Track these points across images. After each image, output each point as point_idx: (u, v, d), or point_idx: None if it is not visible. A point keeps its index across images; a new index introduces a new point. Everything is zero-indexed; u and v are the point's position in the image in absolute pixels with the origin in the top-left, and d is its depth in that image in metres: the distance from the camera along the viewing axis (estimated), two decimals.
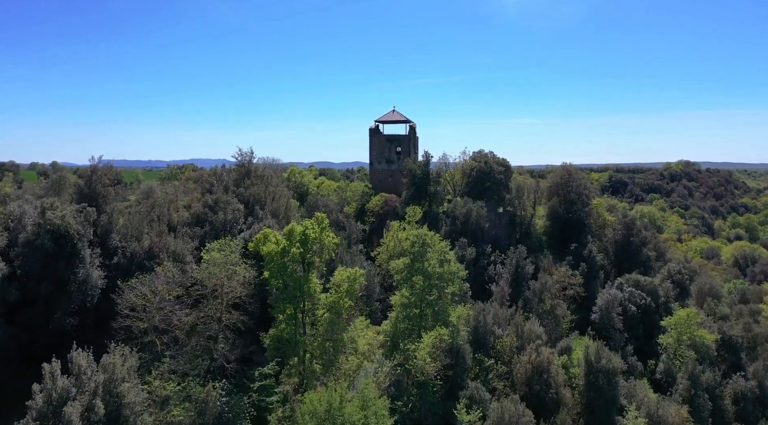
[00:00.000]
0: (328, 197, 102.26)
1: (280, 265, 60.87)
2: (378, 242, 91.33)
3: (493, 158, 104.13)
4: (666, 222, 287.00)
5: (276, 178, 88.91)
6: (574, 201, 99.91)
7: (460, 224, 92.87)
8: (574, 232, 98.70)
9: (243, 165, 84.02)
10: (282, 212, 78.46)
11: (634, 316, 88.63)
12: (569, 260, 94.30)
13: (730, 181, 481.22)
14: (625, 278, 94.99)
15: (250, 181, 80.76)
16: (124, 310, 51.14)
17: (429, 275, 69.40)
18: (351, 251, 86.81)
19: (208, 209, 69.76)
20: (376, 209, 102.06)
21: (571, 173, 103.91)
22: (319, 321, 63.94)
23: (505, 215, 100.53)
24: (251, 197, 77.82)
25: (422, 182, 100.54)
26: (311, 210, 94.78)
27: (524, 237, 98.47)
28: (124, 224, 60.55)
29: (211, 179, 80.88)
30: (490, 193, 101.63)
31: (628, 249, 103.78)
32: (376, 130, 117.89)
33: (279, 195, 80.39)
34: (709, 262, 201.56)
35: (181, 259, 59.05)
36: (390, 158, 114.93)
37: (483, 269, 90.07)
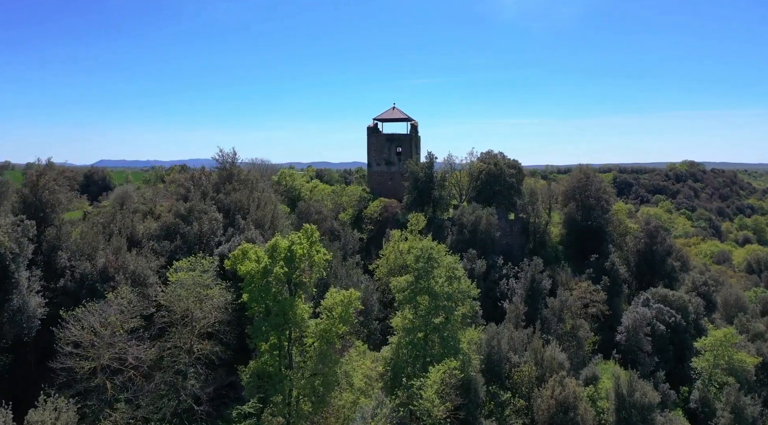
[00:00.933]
0: (322, 202, 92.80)
1: (261, 287, 51.49)
2: (377, 254, 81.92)
3: (503, 159, 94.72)
4: (673, 224, 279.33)
5: (263, 182, 79.44)
6: (592, 207, 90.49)
7: (468, 233, 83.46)
8: (594, 241, 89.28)
9: (224, 168, 74.50)
10: (268, 221, 69.04)
11: (663, 336, 79.32)
12: (589, 272, 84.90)
13: (735, 181, 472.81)
14: (651, 293, 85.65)
15: (231, 186, 71.33)
16: (65, 348, 41.71)
17: (436, 295, 60.06)
18: (347, 264, 77.42)
19: (180, 219, 60.25)
20: (374, 216, 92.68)
21: (589, 175, 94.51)
22: (308, 351, 54.61)
23: (517, 223, 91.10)
24: (232, 204, 68.38)
25: (425, 186, 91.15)
26: (303, 218, 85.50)
27: (538, 247, 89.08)
28: (75, 239, 50.95)
29: (188, 183, 71.30)
30: (500, 198, 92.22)
31: (651, 259, 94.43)
32: (375, 129, 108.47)
33: (265, 202, 70.94)
34: (721, 266, 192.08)
35: (143, 281, 49.56)
36: (390, 160, 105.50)
37: (494, 284, 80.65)
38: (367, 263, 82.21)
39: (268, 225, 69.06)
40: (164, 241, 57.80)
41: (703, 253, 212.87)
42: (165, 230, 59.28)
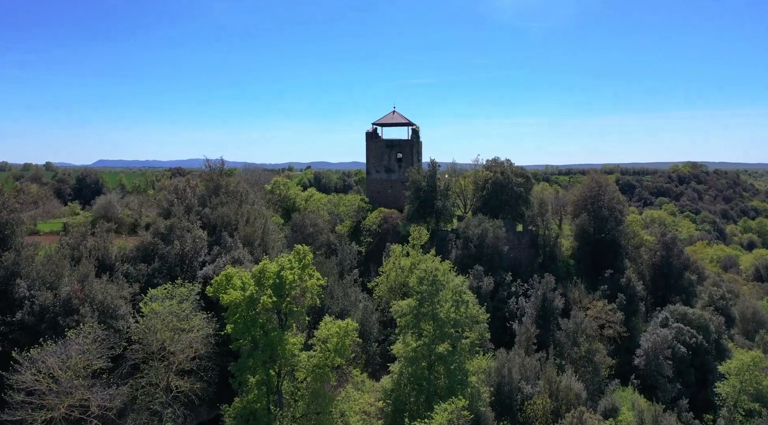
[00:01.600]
0: (318, 212, 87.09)
1: (246, 319, 45.88)
2: (376, 270, 76.28)
3: (510, 167, 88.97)
4: (678, 228, 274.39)
5: (253, 193, 73.77)
6: (605, 218, 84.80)
7: (474, 248, 77.80)
8: (608, 255, 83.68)
9: (212, 179, 68.81)
10: (258, 237, 63.41)
11: (684, 359, 73.82)
12: (603, 290, 79.26)
13: (738, 183, 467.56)
14: (669, 311, 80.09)
15: (219, 199, 65.61)
16: (15, 396, 36.06)
17: (441, 322, 54.47)
18: (344, 282, 71.74)
19: (159, 238, 54.56)
20: (373, 228, 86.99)
21: (601, 184, 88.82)
22: (300, 388, 49.04)
23: (525, 235, 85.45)
24: (219, 219, 62.68)
25: (428, 196, 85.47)
26: (297, 230, 79.87)
27: (549, 261, 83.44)
28: (37, 265, 45.21)
29: (171, 196, 65.60)
30: (507, 208, 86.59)
31: (668, 273, 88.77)
32: (374, 134, 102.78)
33: (255, 216, 65.28)
34: (730, 273, 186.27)
35: (112, 313, 43.88)
36: (390, 167, 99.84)
37: (502, 303, 75.04)
38: (366, 280, 76.52)
39: (258, 242, 63.45)
40: (141, 264, 52.06)
41: (710, 257, 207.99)
42: (142, 250, 53.57)
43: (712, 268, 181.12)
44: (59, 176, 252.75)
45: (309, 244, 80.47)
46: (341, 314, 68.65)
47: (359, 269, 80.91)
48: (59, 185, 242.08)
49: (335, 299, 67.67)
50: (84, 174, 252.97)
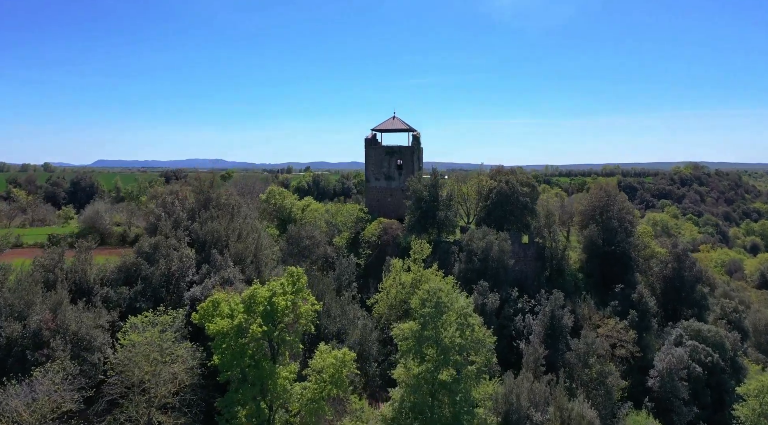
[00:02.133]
0: (315, 223, 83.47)
1: (235, 349, 42.19)
2: (375, 286, 72.58)
3: (515, 176, 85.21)
4: (680, 231, 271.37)
5: (246, 205, 69.97)
6: (615, 230, 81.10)
7: (478, 262, 74.09)
8: (618, 268, 79.97)
9: (201, 191, 65.05)
10: (250, 253, 59.63)
11: (700, 379, 70.18)
12: (614, 306, 75.58)
13: (740, 184, 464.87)
14: (683, 327, 76.49)
15: (209, 213, 61.86)
16: None
17: (446, 348, 50.77)
18: (341, 299, 68.05)
19: (143, 258, 50.83)
20: (372, 239, 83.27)
21: (610, 193, 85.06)
22: (293, 422, 45.41)
23: (531, 247, 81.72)
24: (209, 235, 58.95)
25: (430, 207, 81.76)
26: (293, 243, 76.19)
27: (556, 275, 79.76)
28: (5, 291, 41.44)
29: (158, 210, 61.84)
30: (512, 219, 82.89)
31: (680, 287, 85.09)
32: (374, 140, 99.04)
33: (247, 231, 61.53)
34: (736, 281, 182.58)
35: (87, 344, 40.15)
36: (390, 174, 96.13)
37: (508, 321, 71.37)
38: (365, 297, 72.81)
39: (250, 259, 59.68)
40: (122, 287, 48.32)
41: (714, 262, 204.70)
42: (124, 272, 49.83)
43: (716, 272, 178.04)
44: (53, 180, 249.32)
45: (305, 257, 77.03)
46: (339, 334, 65.05)
47: (358, 283, 77.32)
48: (53, 189, 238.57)
49: (332, 318, 64.01)
50: (78, 177, 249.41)
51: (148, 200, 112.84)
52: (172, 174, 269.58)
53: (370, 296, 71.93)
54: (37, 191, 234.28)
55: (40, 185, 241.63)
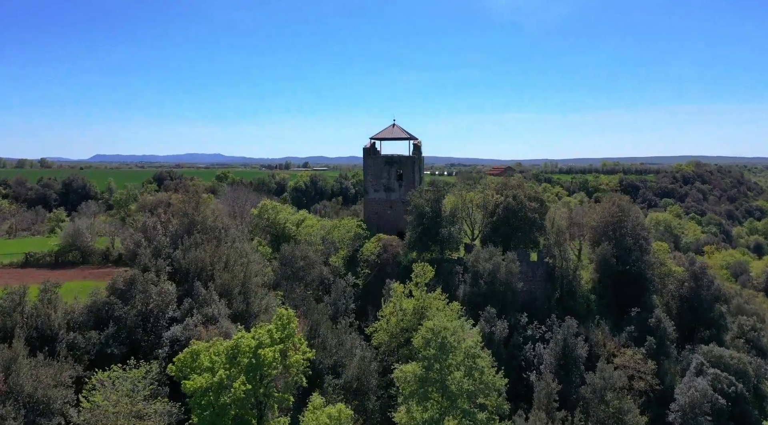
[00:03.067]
0: (311, 239, 78.45)
1: (215, 410, 37.21)
2: (374, 312, 67.55)
3: (522, 190, 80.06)
4: (684, 230, 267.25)
5: (235, 227, 64.82)
6: (629, 248, 76.17)
7: (485, 285, 69.14)
8: (633, 290, 75.04)
9: (186, 213, 59.91)
10: (238, 284, 54.60)
11: (723, 411, 65.32)
12: (630, 331, 70.74)
13: (743, 182, 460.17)
14: (703, 354, 71.62)
15: (193, 238, 56.74)
16: None
17: (452, 395, 45.94)
18: (338, 327, 63.14)
19: (117, 296, 45.77)
20: (371, 258, 78.21)
21: (624, 208, 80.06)
22: None
23: (540, 266, 76.75)
24: (192, 265, 53.90)
25: (432, 223, 76.73)
26: (286, 264, 71.18)
27: (567, 296, 74.83)
28: None
29: (138, 236, 56.71)
30: (520, 236, 77.87)
31: (698, 306, 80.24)
32: (372, 149, 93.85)
33: (235, 259, 56.47)
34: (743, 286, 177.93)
35: (45, 408, 35.12)
36: (389, 185, 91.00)
37: (517, 350, 66.47)
38: (364, 324, 67.81)
39: (238, 289, 54.66)
40: (91, 331, 43.29)
41: (718, 264, 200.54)
42: (95, 313, 44.76)
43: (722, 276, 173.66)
44: (44, 181, 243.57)
45: (300, 279, 72.03)
46: (335, 367, 60.21)
47: (356, 305, 72.40)
48: (44, 191, 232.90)
49: (327, 350, 59.10)
50: (71, 179, 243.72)
51: (135, 211, 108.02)
52: (166, 174, 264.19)
53: (369, 324, 66.95)
54: (28, 192, 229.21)
55: (31, 186, 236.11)
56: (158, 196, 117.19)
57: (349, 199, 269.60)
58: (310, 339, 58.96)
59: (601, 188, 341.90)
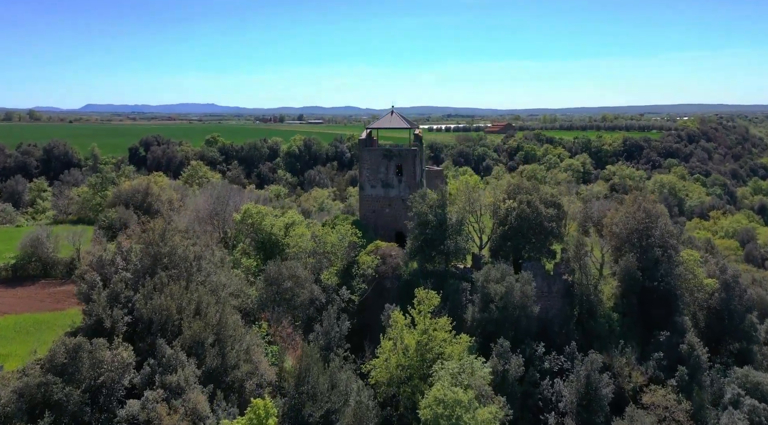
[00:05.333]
0: (298, 252, 69.83)
1: None
2: (371, 348, 59.63)
3: (538, 195, 71.04)
4: (688, 193, 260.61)
5: (210, 253, 55.85)
6: (657, 260, 67.91)
7: (497, 310, 61.06)
8: (662, 309, 67.20)
9: (151, 243, 50.96)
10: (210, 334, 46.19)
11: None
12: (658, 359, 63.19)
13: (747, 138, 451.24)
14: (737, 380, 64.66)
15: (158, 278, 47.97)
16: None
17: None
18: (331, 366, 55.19)
19: (55, 372, 37.46)
20: (368, 272, 69.79)
21: (651, 213, 71.28)
22: None
23: (557, 282, 68.67)
24: (155, 314, 45.40)
25: (436, 233, 68.13)
26: (272, 283, 62.82)
27: (586, 315, 66.93)
28: None
29: (92, 277, 47.90)
30: (535, 246, 69.42)
31: (728, 319, 72.81)
32: (368, 140, 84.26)
33: (208, 302, 47.93)
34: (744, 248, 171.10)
35: None
36: (388, 181, 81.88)
37: (533, 387, 58.95)
38: (360, 360, 59.91)
39: (212, 340, 46.33)
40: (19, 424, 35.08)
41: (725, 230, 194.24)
42: (27, 398, 36.41)
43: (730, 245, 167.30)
44: (24, 148, 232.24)
45: (287, 301, 63.84)
46: (327, 415, 52.58)
47: (351, 323, 64.37)
48: (24, 159, 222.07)
49: (318, 400, 51.27)
50: (52, 145, 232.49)
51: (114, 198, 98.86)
52: (153, 139, 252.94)
53: (365, 359, 59.18)
54: (7, 160, 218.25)
55: (10, 153, 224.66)
56: (136, 182, 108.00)
57: (345, 163, 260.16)
58: (298, 386, 51.38)
59: (605, 148, 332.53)
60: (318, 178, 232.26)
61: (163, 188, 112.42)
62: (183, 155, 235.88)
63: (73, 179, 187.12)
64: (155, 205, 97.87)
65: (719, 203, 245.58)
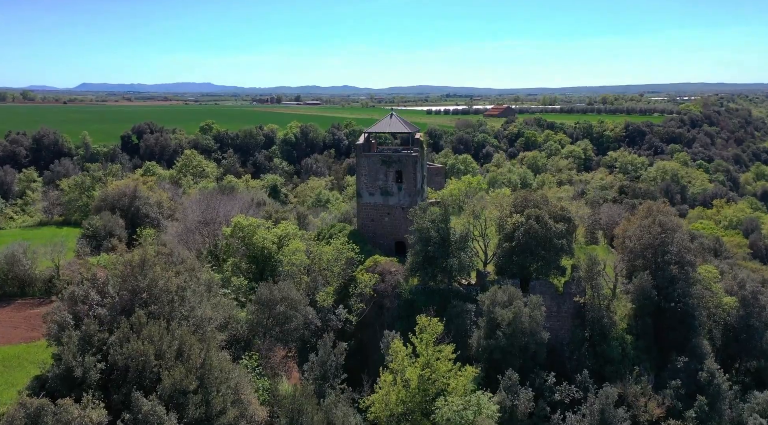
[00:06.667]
0: (293, 268, 65.60)
1: None
2: (370, 384, 55.65)
3: (547, 208, 66.58)
4: (691, 180, 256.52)
5: (195, 282, 51.38)
6: (674, 278, 63.80)
7: (504, 337, 57.00)
8: (678, 331, 63.26)
9: (132, 273, 46.64)
10: (194, 381, 42.04)
11: None
12: (676, 386, 59.36)
13: (750, 121, 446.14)
14: (756, 404, 61.16)
15: (133, 320, 43.66)
16: None
17: None
18: (326, 403, 51.31)
19: None
20: (366, 291, 65.61)
21: (667, 227, 66.97)
22: None
23: (566, 301, 64.63)
24: (131, 361, 41.21)
25: (438, 251, 63.90)
26: (264, 306, 58.68)
27: (599, 338, 62.91)
28: None
29: (62, 314, 43.62)
30: (545, 263, 65.23)
31: (747, 337, 69.10)
32: (367, 145, 79.58)
33: (191, 344, 43.72)
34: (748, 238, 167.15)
35: None
36: (387, 189, 77.40)
37: (544, 421, 55.15)
38: (358, 394, 55.92)
39: (195, 386, 42.24)
40: None
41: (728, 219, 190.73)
42: None
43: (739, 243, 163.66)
44: (12, 137, 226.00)
45: (280, 324, 59.73)
46: None
47: (348, 344, 60.43)
48: (13, 148, 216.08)
49: None
50: (41, 133, 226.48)
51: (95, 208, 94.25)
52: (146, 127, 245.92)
53: (364, 393, 55.26)
54: None
55: None
56: (123, 184, 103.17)
57: (342, 151, 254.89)
58: None
59: (606, 134, 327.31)
60: (315, 166, 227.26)
61: (153, 188, 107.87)
62: (177, 143, 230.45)
63: (64, 170, 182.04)
64: (143, 209, 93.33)
65: (722, 190, 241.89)
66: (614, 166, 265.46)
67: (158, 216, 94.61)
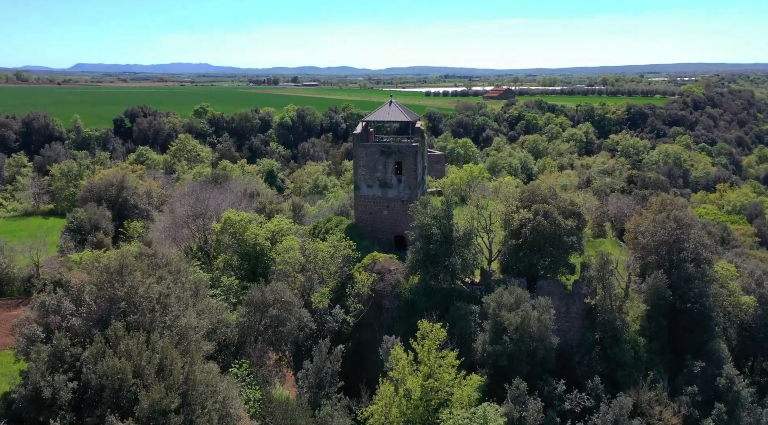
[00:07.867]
0: (286, 266, 61.86)
1: None
2: (368, 393, 52.24)
3: (556, 203, 62.71)
4: (693, 163, 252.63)
5: (180, 288, 47.58)
6: (690, 277, 60.23)
7: (510, 342, 53.46)
8: (695, 334, 59.82)
9: (103, 286, 42.77)
10: (176, 399, 38.46)
11: None
12: (692, 393, 56.02)
13: (753, 103, 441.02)
14: None
15: (109, 333, 40.00)
16: None
17: None
18: (321, 414, 47.94)
19: None
20: (364, 291, 61.97)
21: (682, 222, 63.25)
22: None
23: (576, 301, 61.11)
24: (106, 380, 37.61)
25: (440, 249, 60.11)
26: (255, 309, 55.03)
27: (610, 341, 59.44)
28: None
29: (32, 327, 39.94)
30: (553, 261, 61.55)
31: (764, 335, 65.86)
32: (364, 134, 75.44)
33: (173, 358, 40.04)
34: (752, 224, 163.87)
35: None
36: (386, 181, 73.44)
37: None
38: (355, 405, 52.56)
39: (175, 405, 38.70)
40: None
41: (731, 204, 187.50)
42: None
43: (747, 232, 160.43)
44: (1, 120, 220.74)
45: (273, 329, 56.20)
46: None
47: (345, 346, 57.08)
48: (2, 132, 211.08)
49: None
50: (31, 117, 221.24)
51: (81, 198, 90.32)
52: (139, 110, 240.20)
53: (361, 401, 51.89)
54: None
55: None
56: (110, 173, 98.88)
57: (340, 135, 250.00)
58: None
59: (608, 116, 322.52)
60: (312, 151, 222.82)
61: (143, 176, 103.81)
62: (171, 127, 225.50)
63: (55, 154, 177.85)
64: (132, 200, 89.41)
65: (725, 173, 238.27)
66: (616, 149, 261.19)
67: (148, 207, 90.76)
